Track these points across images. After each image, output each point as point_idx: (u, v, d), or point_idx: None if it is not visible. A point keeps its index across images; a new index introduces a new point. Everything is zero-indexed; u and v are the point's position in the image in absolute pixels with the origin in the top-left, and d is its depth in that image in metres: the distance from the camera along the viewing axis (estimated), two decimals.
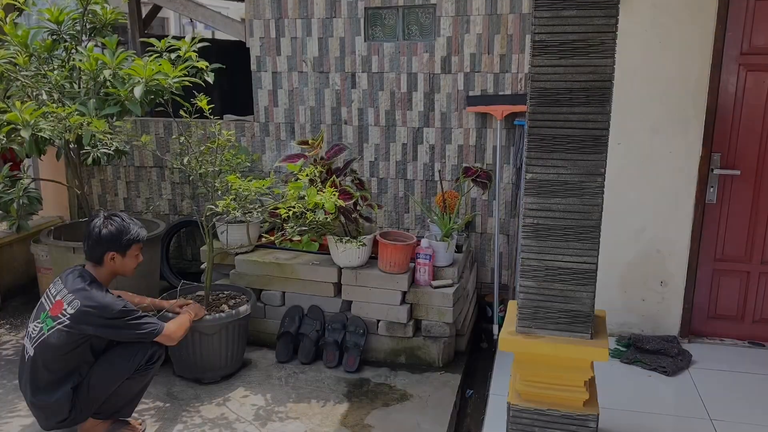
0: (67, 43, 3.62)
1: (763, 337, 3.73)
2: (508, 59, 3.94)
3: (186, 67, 3.31)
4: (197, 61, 3.41)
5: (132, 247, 2.82)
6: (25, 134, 3.04)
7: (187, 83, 3.30)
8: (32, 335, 2.66)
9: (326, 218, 3.12)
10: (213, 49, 3.81)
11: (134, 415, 2.94)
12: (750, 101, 3.44)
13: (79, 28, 3.65)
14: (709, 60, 3.37)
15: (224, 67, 3.72)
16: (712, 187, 3.54)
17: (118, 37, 3.52)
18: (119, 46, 3.47)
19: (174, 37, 3.59)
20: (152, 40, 3.57)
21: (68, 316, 2.57)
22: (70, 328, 2.57)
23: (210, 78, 3.50)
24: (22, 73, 3.33)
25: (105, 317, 2.59)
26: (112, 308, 2.61)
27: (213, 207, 3.13)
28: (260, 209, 3.25)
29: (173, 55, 3.48)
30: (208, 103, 3.14)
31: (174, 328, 2.84)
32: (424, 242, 3.53)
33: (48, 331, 2.60)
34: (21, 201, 3.42)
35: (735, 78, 3.42)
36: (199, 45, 3.50)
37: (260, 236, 3.92)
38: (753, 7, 3.33)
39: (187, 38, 3.47)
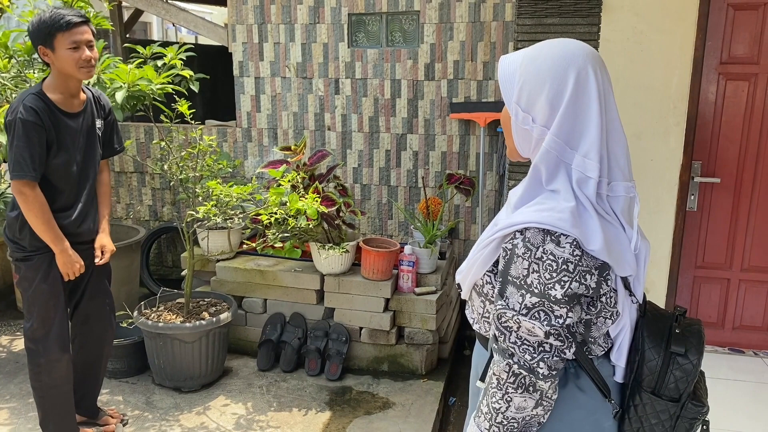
0: None
1: (743, 344, 3.76)
2: (492, 66, 3.96)
3: (170, 75, 3.28)
4: (182, 70, 3.39)
5: (56, 37, 2.36)
6: (3, 139, 2.99)
7: (170, 90, 3.28)
8: None
9: (308, 225, 3.10)
10: (196, 55, 3.78)
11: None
12: (729, 110, 3.48)
13: None
14: (689, 69, 3.40)
15: (208, 78, 3.69)
16: (692, 194, 3.57)
17: (104, 42, 3.49)
18: (103, 51, 3.44)
19: (161, 44, 3.56)
20: (138, 47, 3.53)
21: None
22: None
23: (195, 87, 3.48)
24: (2, 74, 3.28)
25: (7, 114, 2.39)
26: (14, 113, 2.36)
27: (194, 213, 3.09)
28: (242, 215, 3.22)
29: (159, 63, 3.45)
30: (190, 108, 3.11)
31: (36, 211, 2.41)
32: (407, 249, 3.52)
33: None
34: None
35: (715, 87, 3.46)
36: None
37: (242, 243, 3.88)
38: (732, 17, 3.37)
39: (170, 43, 3.43)
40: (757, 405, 3.20)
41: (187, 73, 3.39)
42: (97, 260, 2.71)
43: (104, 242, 2.76)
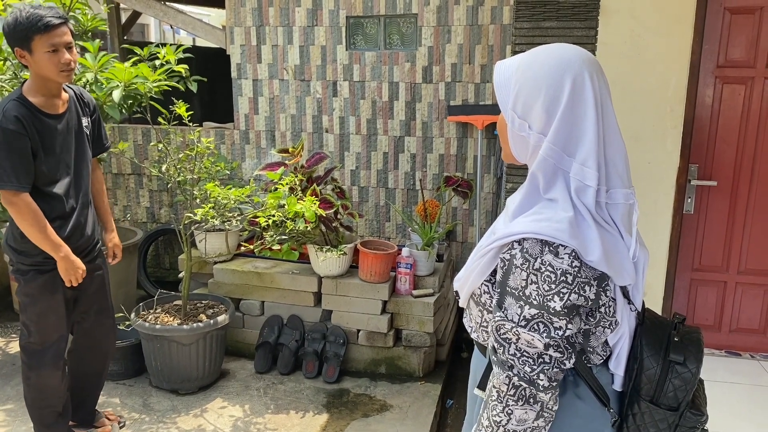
0: None
1: (739, 347, 3.77)
2: (489, 69, 3.96)
3: (165, 71, 3.28)
4: (176, 65, 3.38)
5: (34, 39, 2.23)
6: None
7: (166, 88, 3.27)
8: None
9: (306, 227, 3.09)
10: (194, 57, 3.78)
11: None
12: (726, 113, 3.49)
13: None
14: (686, 72, 3.41)
15: (205, 80, 3.69)
16: (689, 197, 3.58)
17: (100, 41, 3.49)
18: (99, 52, 3.44)
19: (157, 45, 3.56)
20: (135, 48, 3.53)
21: None
22: None
23: (193, 86, 3.47)
24: None
25: None
26: None
27: (191, 215, 3.09)
28: (239, 217, 3.22)
29: (157, 63, 3.45)
30: (188, 110, 3.11)
31: (29, 219, 2.30)
32: (405, 251, 3.52)
33: None
34: None
35: (711, 90, 3.47)
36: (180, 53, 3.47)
37: (239, 245, 3.88)
38: (729, 21, 3.38)
39: (168, 45, 3.44)
40: (754, 407, 3.20)
41: (182, 68, 3.38)
42: (111, 261, 2.74)
43: (116, 242, 2.75)
